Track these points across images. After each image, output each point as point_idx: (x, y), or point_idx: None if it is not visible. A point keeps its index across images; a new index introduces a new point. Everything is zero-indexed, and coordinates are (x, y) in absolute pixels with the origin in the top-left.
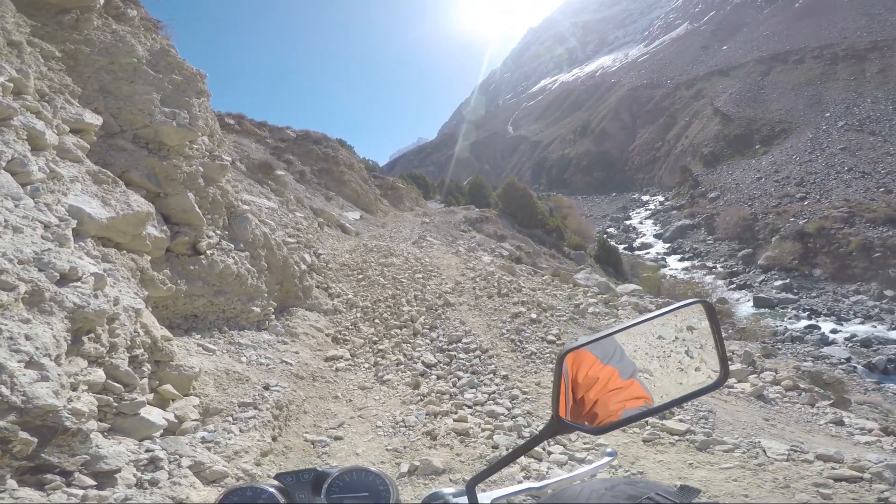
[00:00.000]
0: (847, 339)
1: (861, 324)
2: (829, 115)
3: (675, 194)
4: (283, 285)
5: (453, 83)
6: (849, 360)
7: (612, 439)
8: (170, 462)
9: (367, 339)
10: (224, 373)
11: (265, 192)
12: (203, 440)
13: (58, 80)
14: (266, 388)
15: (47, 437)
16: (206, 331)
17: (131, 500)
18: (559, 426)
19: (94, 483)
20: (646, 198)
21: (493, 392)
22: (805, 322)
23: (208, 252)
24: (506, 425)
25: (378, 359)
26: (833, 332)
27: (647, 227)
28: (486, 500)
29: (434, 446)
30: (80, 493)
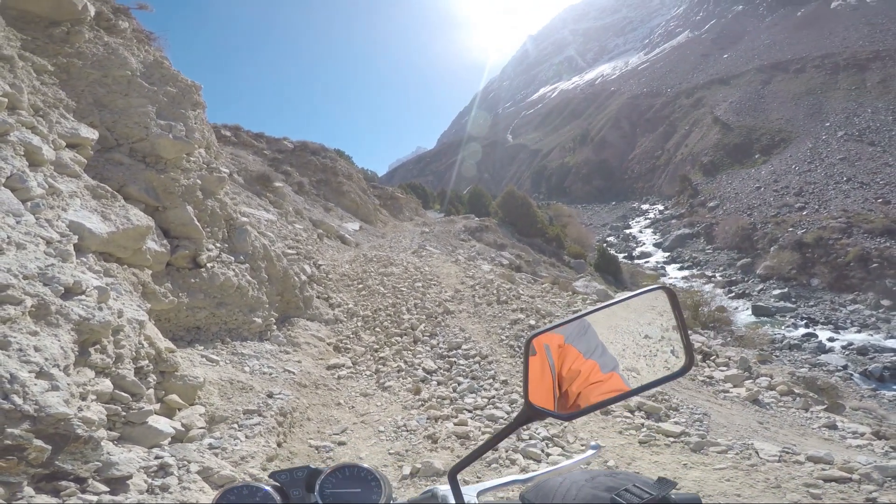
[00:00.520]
0: (844, 348)
1: (858, 332)
2: (828, 124)
3: (675, 203)
4: (284, 296)
5: (452, 91)
6: (845, 367)
7: (608, 441)
8: (179, 468)
9: (368, 348)
10: (228, 382)
11: (264, 205)
12: (210, 446)
13: (51, 95)
14: (270, 396)
15: (60, 445)
16: (208, 342)
17: None
18: (531, 412)
19: (108, 489)
20: (645, 207)
21: (492, 397)
22: (803, 330)
23: (209, 265)
24: None
25: (379, 366)
26: (830, 340)
27: (647, 236)
28: (473, 492)
29: (435, 449)
30: (95, 499)
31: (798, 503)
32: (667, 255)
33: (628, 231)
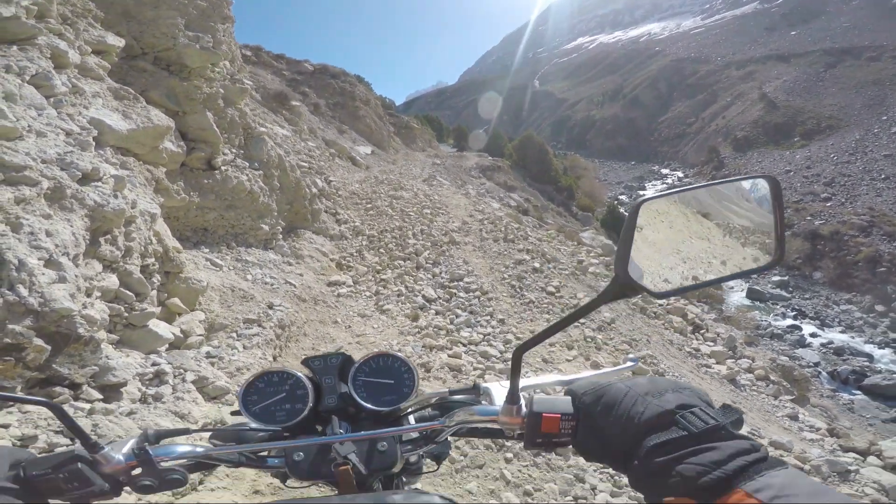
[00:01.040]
0: (823, 345)
1: (842, 332)
2: (885, 118)
3: (697, 173)
4: (293, 206)
5: (482, 29)
6: (817, 364)
7: None
8: (174, 376)
9: (370, 268)
10: (230, 289)
11: (279, 121)
12: (208, 355)
13: (80, 5)
14: (270, 307)
15: (60, 346)
16: (214, 245)
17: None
18: (624, 286)
19: (101, 397)
20: (665, 171)
21: (488, 333)
22: (790, 321)
23: (223, 167)
24: (497, 367)
25: (380, 288)
26: (812, 335)
27: None
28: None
29: (427, 378)
30: (87, 406)
31: None
32: None
33: (643, 193)
